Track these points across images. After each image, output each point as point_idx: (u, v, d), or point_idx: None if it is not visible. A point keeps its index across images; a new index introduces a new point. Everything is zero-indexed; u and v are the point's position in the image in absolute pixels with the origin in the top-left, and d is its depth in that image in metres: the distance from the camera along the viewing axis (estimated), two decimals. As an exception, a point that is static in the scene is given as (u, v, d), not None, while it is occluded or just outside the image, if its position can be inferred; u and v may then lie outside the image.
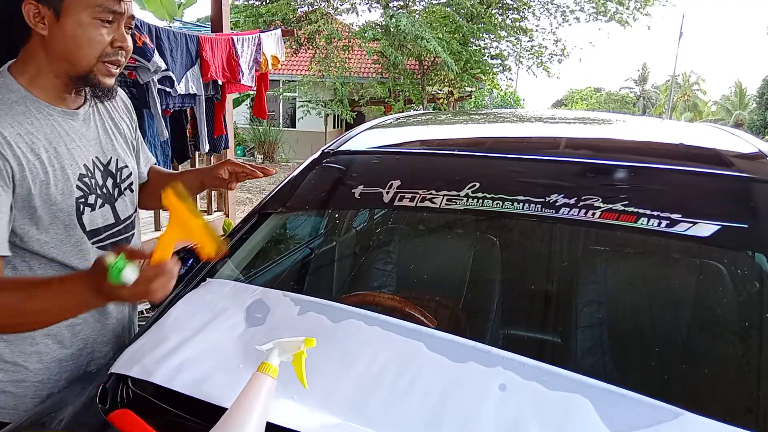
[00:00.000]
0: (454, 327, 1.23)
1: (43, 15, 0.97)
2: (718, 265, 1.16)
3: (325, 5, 12.32)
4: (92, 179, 1.11)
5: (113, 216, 1.17)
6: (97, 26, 0.99)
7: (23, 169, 0.97)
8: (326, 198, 1.48)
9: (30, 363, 1.08)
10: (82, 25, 0.98)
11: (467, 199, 1.20)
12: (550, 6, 12.30)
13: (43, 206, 1.01)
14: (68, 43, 0.98)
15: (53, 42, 0.99)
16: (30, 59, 1.02)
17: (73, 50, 0.99)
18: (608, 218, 1.08)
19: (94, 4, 0.97)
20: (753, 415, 0.92)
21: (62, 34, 0.98)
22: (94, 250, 1.11)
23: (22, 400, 1.09)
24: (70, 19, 0.97)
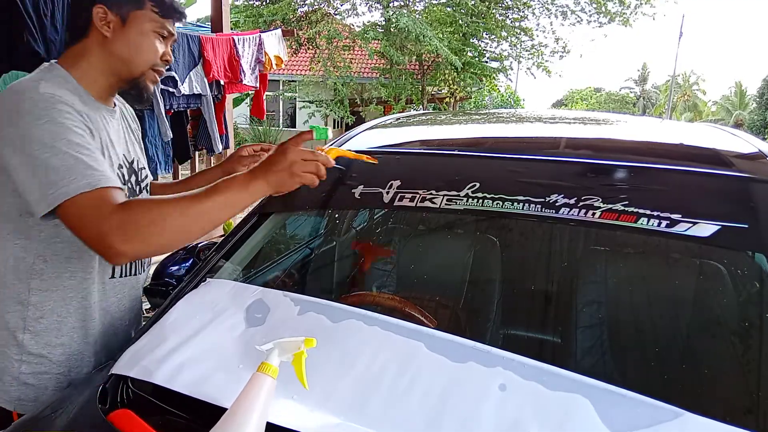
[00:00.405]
0: (454, 327, 1.23)
1: (110, 20, 1.10)
2: (718, 265, 1.16)
3: (325, 6, 12.32)
4: (122, 171, 1.20)
5: None
6: (155, 39, 1.15)
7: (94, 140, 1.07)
8: (326, 198, 1.48)
9: (54, 355, 1.13)
10: (144, 35, 1.13)
11: (467, 199, 1.20)
12: (550, 6, 12.30)
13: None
14: (129, 47, 1.12)
15: (114, 44, 1.12)
16: (84, 55, 1.13)
17: (132, 54, 1.13)
18: (608, 218, 1.08)
19: (157, 21, 1.14)
20: (753, 415, 0.92)
21: (125, 39, 1.12)
22: None
23: (43, 392, 1.13)
24: (135, 29, 1.12)
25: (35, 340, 1.11)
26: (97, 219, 0.93)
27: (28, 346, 1.11)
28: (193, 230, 0.99)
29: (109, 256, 0.96)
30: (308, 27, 11.94)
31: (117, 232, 0.92)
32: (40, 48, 2.66)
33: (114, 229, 0.92)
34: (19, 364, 1.11)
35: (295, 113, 16.67)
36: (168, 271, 1.50)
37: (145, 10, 1.12)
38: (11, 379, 1.12)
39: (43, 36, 2.69)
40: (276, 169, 1.01)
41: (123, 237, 0.92)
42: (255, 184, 1.01)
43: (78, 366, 1.16)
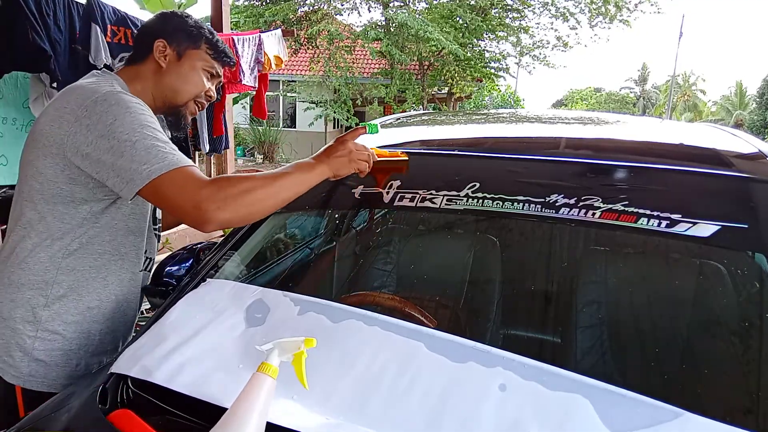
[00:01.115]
0: (454, 327, 1.23)
1: (167, 54, 1.26)
2: (718, 265, 1.16)
3: (325, 6, 12.33)
4: None
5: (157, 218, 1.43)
6: (203, 75, 1.31)
7: None
8: (326, 198, 1.48)
9: (68, 332, 1.20)
10: (195, 70, 1.29)
11: (467, 199, 1.20)
12: (550, 6, 12.32)
13: None
14: (180, 78, 1.28)
15: (168, 74, 1.27)
16: (139, 78, 1.27)
17: (182, 85, 1.28)
18: (608, 218, 1.08)
19: (208, 61, 1.31)
20: (753, 415, 0.92)
21: (177, 71, 1.28)
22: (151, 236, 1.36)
23: (53, 369, 1.20)
24: (188, 64, 1.28)
25: (53, 317, 1.18)
26: (192, 189, 1.03)
27: (45, 323, 1.17)
28: (273, 203, 1.10)
29: (202, 222, 1.04)
30: (308, 27, 11.95)
31: (212, 200, 1.02)
32: (46, 45, 2.66)
33: (209, 198, 1.02)
34: (33, 340, 1.17)
35: (296, 113, 16.66)
36: (168, 271, 1.50)
37: (200, 50, 1.29)
38: (22, 355, 1.17)
39: (47, 35, 2.69)
40: (337, 155, 1.17)
41: (217, 205, 1.02)
42: (319, 167, 1.15)
43: (86, 344, 1.24)
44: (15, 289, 1.17)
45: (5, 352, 1.18)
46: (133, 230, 1.26)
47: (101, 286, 1.24)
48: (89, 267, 1.20)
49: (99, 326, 1.25)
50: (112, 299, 1.27)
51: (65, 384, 1.20)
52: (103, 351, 1.27)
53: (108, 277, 1.24)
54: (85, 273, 1.20)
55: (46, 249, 1.16)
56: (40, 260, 1.16)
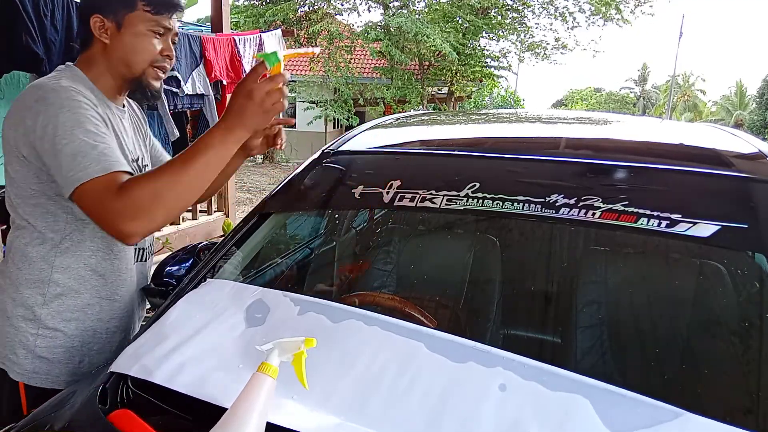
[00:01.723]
0: (454, 327, 1.23)
1: (107, 27, 1.17)
2: (718, 265, 1.16)
3: (325, 5, 12.33)
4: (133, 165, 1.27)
5: None
6: (150, 37, 1.20)
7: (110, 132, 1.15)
8: (326, 198, 1.48)
9: (68, 329, 1.20)
10: (138, 36, 1.18)
11: (467, 199, 1.20)
12: (549, 7, 12.32)
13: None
14: (127, 50, 1.19)
15: (114, 49, 1.19)
16: (92, 63, 1.21)
17: (130, 56, 1.19)
18: (608, 218, 1.08)
19: (150, 20, 1.18)
20: (753, 415, 0.92)
21: (122, 43, 1.18)
22: None
23: (56, 366, 1.20)
24: (130, 31, 1.18)
25: (52, 315, 1.18)
26: (106, 204, 1.01)
27: (45, 320, 1.18)
28: (189, 197, 1.07)
29: (123, 239, 1.05)
30: (308, 27, 11.96)
31: (125, 216, 1.00)
32: (39, 49, 2.65)
33: (122, 214, 1.00)
34: (35, 338, 1.18)
35: (295, 113, 16.66)
36: (168, 271, 1.50)
37: (138, 11, 1.17)
38: (26, 353, 1.18)
39: (42, 37, 2.68)
40: (248, 113, 1.06)
41: (131, 218, 1.00)
42: (234, 133, 1.07)
43: (90, 342, 1.24)
44: (14, 288, 1.18)
45: (10, 349, 1.19)
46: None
47: (99, 284, 1.23)
48: (83, 265, 1.20)
49: (103, 324, 1.25)
50: (113, 296, 1.26)
51: (69, 381, 1.21)
52: (110, 348, 1.27)
53: (105, 274, 1.24)
54: (80, 270, 1.20)
55: (38, 249, 1.17)
56: (33, 260, 1.17)
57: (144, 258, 1.37)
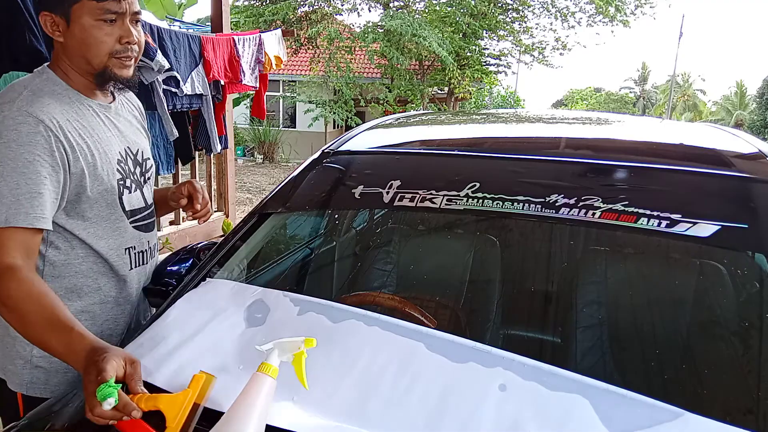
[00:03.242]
0: (454, 327, 1.23)
1: (58, 23, 1.09)
2: (718, 265, 1.16)
3: (325, 6, 12.33)
4: (126, 165, 1.24)
5: (143, 200, 1.31)
6: (101, 27, 1.09)
7: (74, 150, 1.09)
8: (326, 198, 1.48)
9: None
10: (87, 28, 1.09)
11: (467, 199, 1.20)
12: (550, 7, 12.32)
13: (92, 185, 1.14)
14: (80, 45, 1.10)
15: (69, 46, 1.11)
16: (58, 62, 1.15)
17: (85, 51, 1.11)
18: (608, 218, 1.08)
19: (96, 8, 1.07)
20: (753, 416, 0.92)
21: (74, 39, 1.10)
22: (130, 229, 1.26)
23: (54, 375, 1.17)
24: (78, 24, 1.08)
25: None
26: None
27: None
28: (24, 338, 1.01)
29: None
30: (308, 27, 11.95)
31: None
32: (42, 47, 2.66)
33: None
34: (32, 347, 1.14)
35: (296, 113, 16.65)
36: (168, 271, 1.50)
37: (82, 1, 1.07)
38: (23, 363, 1.16)
39: (44, 35, 2.69)
40: (85, 377, 0.86)
41: None
42: (76, 361, 0.91)
43: None
44: None
45: (9, 360, 1.17)
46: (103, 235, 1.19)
47: (93, 290, 1.20)
48: (75, 273, 1.17)
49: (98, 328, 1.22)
50: (110, 302, 1.23)
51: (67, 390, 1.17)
52: None
53: (99, 279, 1.21)
54: (72, 279, 1.17)
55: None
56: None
57: (144, 261, 1.33)
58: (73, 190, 1.11)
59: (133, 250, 1.27)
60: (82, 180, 1.11)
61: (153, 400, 0.81)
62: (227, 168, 4.94)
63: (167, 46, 3.43)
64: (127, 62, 1.14)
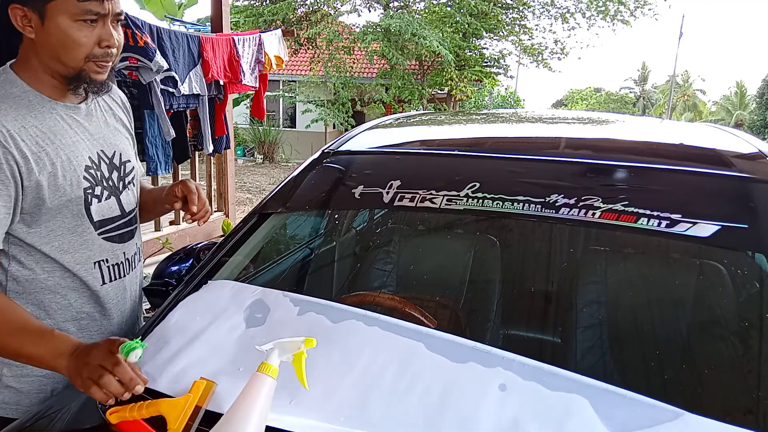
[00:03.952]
0: (454, 327, 1.22)
1: (30, 18, 0.99)
2: (718, 265, 1.16)
3: (325, 6, 12.33)
4: (98, 171, 1.13)
5: (119, 208, 1.19)
6: (81, 28, 1.00)
7: (28, 161, 0.99)
8: (326, 198, 1.48)
9: None
10: (65, 29, 0.99)
11: (467, 199, 1.20)
12: (550, 7, 12.33)
13: (52, 197, 1.04)
14: (55, 45, 1.00)
15: (41, 45, 1.01)
16: (26, 59, 1.05)
17: (60, 52, 1.01)
18: (608, 218, 1.08)
19: (75, 7, 0.98)
20: (753, 416, 0.92)
21: (48, 38, 1.00)
22: (99, 241, 1.14)
23: (26, 396, 1.10)
24: (54, 23, 0.98)
25: None
26: None
27: None
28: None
29: None
30: (308, 27, 11.95)
31: None
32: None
33: None
34: (1, 366, 1.08)
35: (296, 113, 16.65)
36: (168, 271, 1.50)
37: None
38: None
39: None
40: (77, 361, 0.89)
41: None
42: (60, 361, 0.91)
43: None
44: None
45: None
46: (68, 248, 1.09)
47: (62, 306, 1.11)
48: (41, 288, 1.08)
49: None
50: (84, 318, 1.14)
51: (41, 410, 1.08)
52: None
53: (68, 295, 1.11)
54: (38, 295, 1.08)
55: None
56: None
57: (121, 274, 1.21)
58: (30, 203, 1.02)
59: (105, 263, 1.16)
60: (39, 192, 1.01)
61: (155, 405, 0.82)
62: (227, 168, 4.94)
63: (166, 46, 3.43)
64: (104, 66, 1.05)
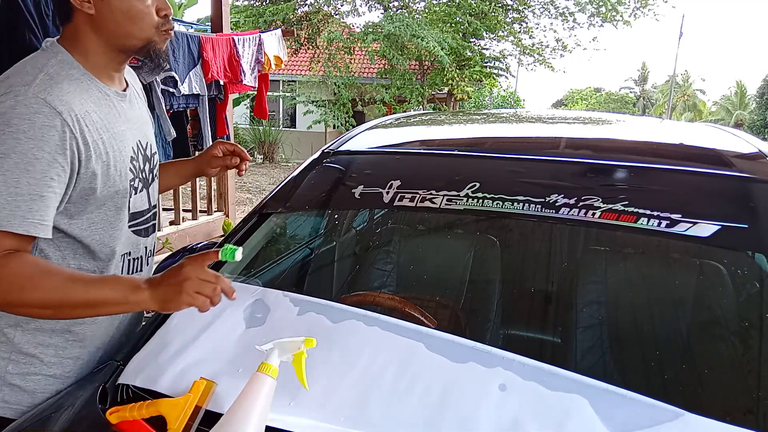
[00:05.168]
0: (454, 327, 1.22)
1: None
2: (718, 265, 1.16)
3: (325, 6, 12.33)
4: (137, 162, 1.11)
5: (148, 201, 1.18)
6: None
7: (89, 149, 0.97)
8: (326, 198, 1.48)
9: (46, 356, 1.05)
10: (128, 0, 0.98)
11: (467, 199, 1.20)
12: (550, 8, 12.34)
13: (103, 187, 1.01)
14: (120, 19, 0.98)
15: (102, 19, 0.98)
16: (77, 39, 1.01)
17: (127, 25, 0.99)
18: (608, 218, 1.08)
19: None
20: (753, 416, 0.92)
21: (111, 11, 0.97)
22: (128, 233, 1.12)
23: (29, 395, 1.05)
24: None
25: (27, 338, 1.03)
26: None
27: (19, 344, 1.03)
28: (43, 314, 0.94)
29: None
30: (308, 27, 11.96)
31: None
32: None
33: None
34: (6, 362, 1.03)
35: (296, 113, 16.65)
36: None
37: None
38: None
39: (45, 35, 2.69)
40: (167, 282, 0.90)
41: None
42: (140, 294, 0.90)
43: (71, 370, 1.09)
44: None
45: None
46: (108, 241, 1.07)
47: None
48: None
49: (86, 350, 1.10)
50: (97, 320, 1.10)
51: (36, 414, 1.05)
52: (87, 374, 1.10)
53: None
54: None
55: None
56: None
57: (139, 268, 1.19)
58: (79, 192, 0.99)
59: (128, 256, 1.14)
60: (92, 182, 0.99)
61: (155, 405, 0.82)
62: (227, 168, 4.93)
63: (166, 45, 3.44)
64: (166, 36, 1.05)
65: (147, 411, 0.82)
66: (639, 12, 12.18)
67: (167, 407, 0.81)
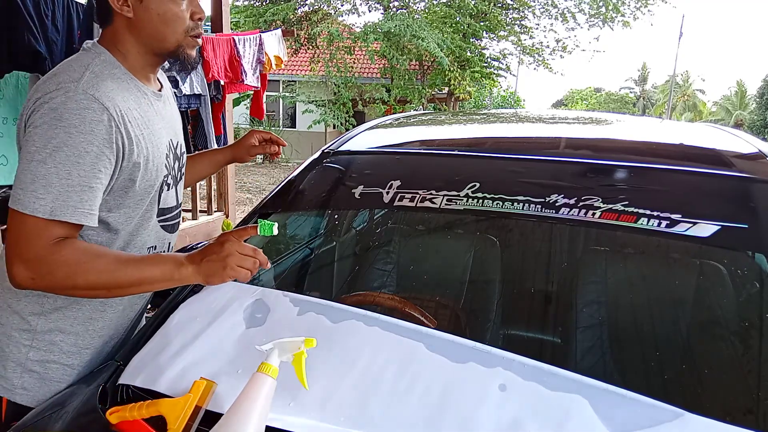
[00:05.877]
0: (454, 327, 1.23)
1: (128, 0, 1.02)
2: (718, 265, 1.16)
3: (325, 6, 12.34)
4: (169, 160, 1.16)
5: (176, 198, 1.23)
6: (177, 2, 1.04)
7: (131, 142, 1.02)
8: (326, 198, 1.48)
9: (65, 344, 1.09)
10: (165, 3, 1.03)
11: (467, 199, 1.20)
12: (550, 8, 12.34)
13: (141, 181, 1.06)
14: (155, 21, 1.04)
15: (140, 22, 1.04)
16: (117, 41, 1.06)
17: (161, 28, 1.04)
18: (608, 218, 1.08)
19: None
20: (753, 416, 0.92)
21: (148, 14, 1.03)
22: (156, 228, 1.17)
23: (47, 383, 1.08)
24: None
25: (49, 326, 1.07)
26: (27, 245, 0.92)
27: (42, 333, 1.07)
28: (92, 294, 1.00)
29: (9, 278, 0.95)
30: (309, 27, 11.96)
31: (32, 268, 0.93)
32: (42, 48, 2.66)
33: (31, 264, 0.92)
34: (28, 349, 1.07)
35: (296, 114, 16.66)
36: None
37: None
38: (15, 366, 1.07)
39: (44, 36, 2.69)
40: (210, 258, 0.96)
41: (34, 274, 0.93)
42: (184, 270, 0.97)
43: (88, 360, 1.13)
44: (12, 295, 1.07)
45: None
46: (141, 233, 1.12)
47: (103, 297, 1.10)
48: None
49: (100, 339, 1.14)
50: (117, 309, 1.15)
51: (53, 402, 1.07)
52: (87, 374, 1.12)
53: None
54: None
55: None
56: None
57: None
58: (121, 184, 1.03)
59: (153, 250, 1.19)
60: (133, 173, 1.04)
61: (155, 405, 0.82)
62: (227, 168, 4.93)
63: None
64: (198, 41, 1.11)
65: (147, 411, 0.82)
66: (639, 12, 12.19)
67: (167, 407, 0.81)
